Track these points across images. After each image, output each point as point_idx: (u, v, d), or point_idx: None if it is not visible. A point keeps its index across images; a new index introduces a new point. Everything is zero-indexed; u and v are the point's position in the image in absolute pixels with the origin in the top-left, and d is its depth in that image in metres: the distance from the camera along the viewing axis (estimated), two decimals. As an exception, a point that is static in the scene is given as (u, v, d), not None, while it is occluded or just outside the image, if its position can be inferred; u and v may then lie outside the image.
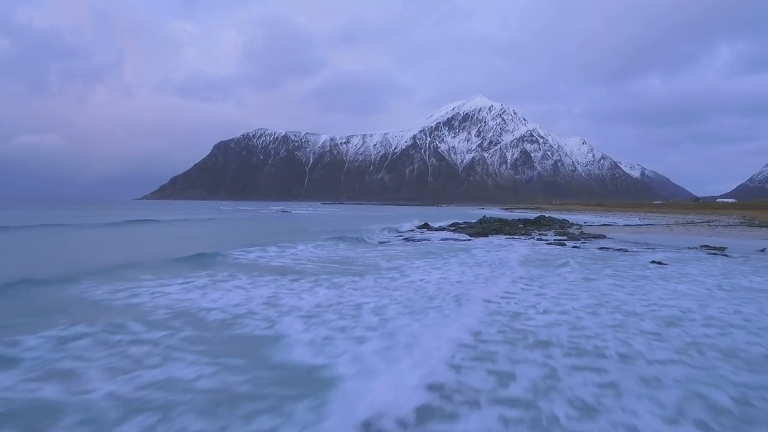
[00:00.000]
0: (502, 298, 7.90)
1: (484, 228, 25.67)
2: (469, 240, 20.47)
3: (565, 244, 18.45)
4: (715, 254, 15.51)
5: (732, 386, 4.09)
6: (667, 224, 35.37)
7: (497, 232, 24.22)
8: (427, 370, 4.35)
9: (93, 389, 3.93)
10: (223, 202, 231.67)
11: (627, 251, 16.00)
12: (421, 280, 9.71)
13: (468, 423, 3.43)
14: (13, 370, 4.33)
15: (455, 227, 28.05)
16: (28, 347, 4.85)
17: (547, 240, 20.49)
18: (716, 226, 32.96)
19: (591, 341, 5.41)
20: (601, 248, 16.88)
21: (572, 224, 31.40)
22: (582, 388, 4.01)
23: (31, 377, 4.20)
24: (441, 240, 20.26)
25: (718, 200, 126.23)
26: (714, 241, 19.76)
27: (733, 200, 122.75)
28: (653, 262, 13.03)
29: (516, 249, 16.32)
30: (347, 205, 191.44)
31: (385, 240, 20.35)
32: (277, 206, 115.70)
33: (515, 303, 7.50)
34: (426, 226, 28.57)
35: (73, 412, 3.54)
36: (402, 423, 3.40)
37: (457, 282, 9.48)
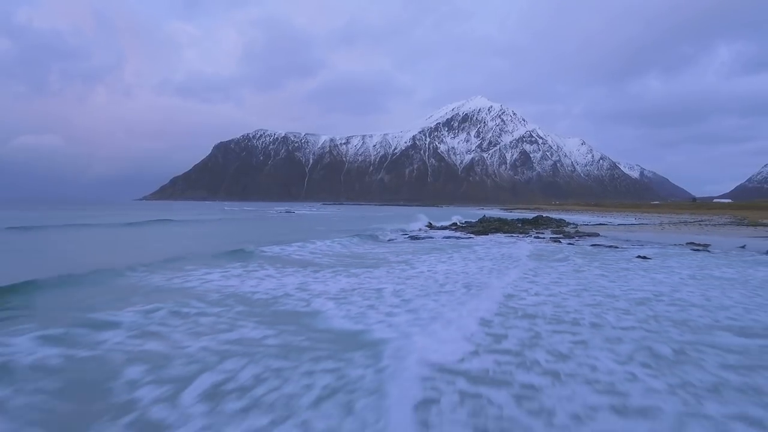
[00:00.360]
0: (505, 284, 9.14)
1: (484, 227, 26.93)
2: (471, 238, 21.72)
3: (560, 242, 19.70)
4: (698, 250, 16.75)
5: (675, 343, 5.34)
6: (660, 224, 36.61)
7: (497, 230, 25.45)
8: (453, 333, 5.60)
9: (187, 345, 5.17)
10: (225, 203, 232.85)
11: (617, 247, 17.24)
12: (429, 270, 10.96)
13: (485, 363, 4.66)
14: (118, 331, 5.57)
15: (456, 226, 29.31)
16: (121, 318, 6.09)
17: (543, 238, 21.74)
18: (707, 225, 34.20)
19: (570, 315, 6.65)
20: (593, 245, 18.13)
21: (568, 224, 32.64)
22: (559, 345, 5.25)
23: (134, 335, 5.45)
24: (444, 238, 21.51)
25: (714, 200, 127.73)
26: (701, 238, 20.98)
27: (729, 200, 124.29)
28: (638, 256, 14.27)
29: (518, 245, 17.58)
30: (347, 205, 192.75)
31: (393, 238, 21.59)
32: (279, 207, 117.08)
33: (512, 288, 8.74)
34: (429, 226, 29.82)
35: (180, 357, 4.78)
36: (441, 364, 4.63)
37: (462, 273, 10.72)
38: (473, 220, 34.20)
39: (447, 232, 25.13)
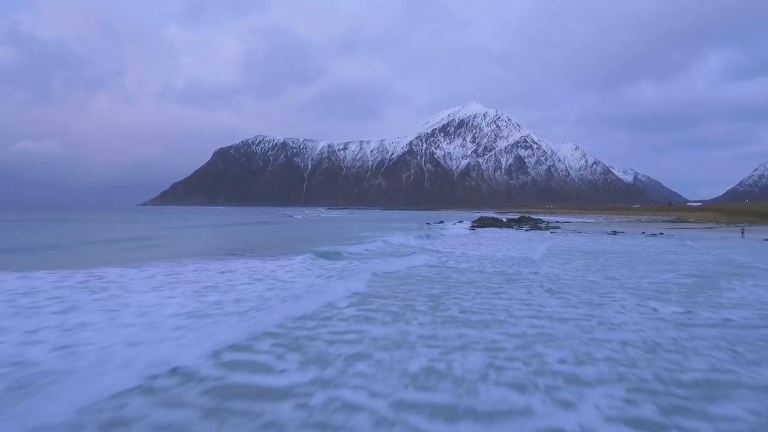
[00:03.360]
0: (502, 247, 22.48)
1: (483, 223, 40.33)
2: (474, 230, 35.07)
3: (529, 231, 33.08)
4: (611, 234, 30.01)
5: (564, 251, 18.68)
6: (611, 222, 50.15)
7: (491, 225, 38.84)
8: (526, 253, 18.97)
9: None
10: (229, 208, 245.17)
11: (558, 229, 30.60)
12: (462, 244, 24.30)
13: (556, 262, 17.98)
14: (357, 256, 18.80)
15: (472, 224, 42.74)
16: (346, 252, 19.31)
17: (522, 229, 35.11)
18: (646, 222, 47.71)
19: (519, 241, 20.02)
20: (546, 230, 31.47)
21: (543, 221, 46.09)
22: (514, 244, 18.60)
23: (373, 256, 18.71)
24: (460, 228, 34.84)
25: (688, 204, 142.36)
26: (625, 228, 34.47)
27: (700, 203, 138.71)
28: (553, 231, 27.59)
29: (506, 232, 30.96)
30: (353, 210, 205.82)
31: (443, 233, 34.94)
32: (288, 211, 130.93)
33: (516, 250, 22.09)
34: (441, 222, 43.20)
35: (411, 276, 18.00)
36: (531, 258, 17.89)
37: (504, 237, 24.05)
38: (474, 221, 47.74)
39: (461, 225, 38.59)
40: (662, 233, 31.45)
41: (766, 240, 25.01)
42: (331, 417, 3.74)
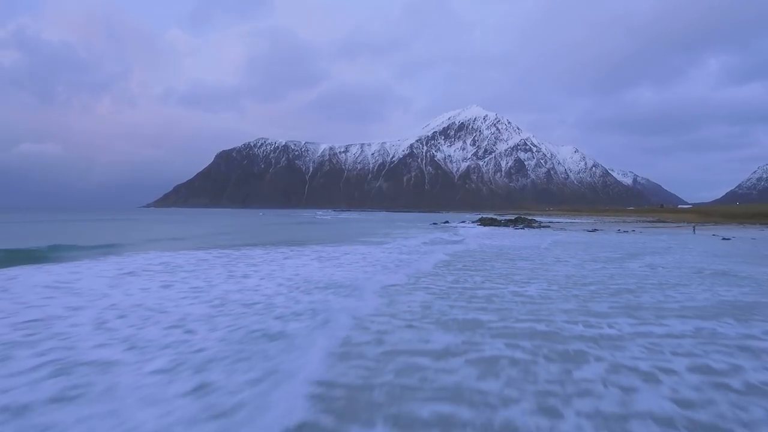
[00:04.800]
0: (512, 240, 28.97)
1: (484, 222, 46.85)
2: (480, 229, 41.54)
3: (523, 229, 39.51)
4: (589, 231, 36.43)
5: (537, 248, 25.16)
6: (598, 222, 56.54)
7: (491, 224, 45.33)
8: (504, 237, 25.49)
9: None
10: (233, 210, 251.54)
11: (548, 228, 36.97)
12: (468, 233, 30.79)
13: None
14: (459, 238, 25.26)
15: (476, 222, 49.20)
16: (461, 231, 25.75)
17: (517, 228, 41.55)
18: (626, 222, 54.10)
19: (510, 247, 26.50)
20: (538, 228, 37.89)
21: (537, 221, 52.52)
22: (512, 251, 25.07)
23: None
24: (464, 226, 41.30)
25: (679, 207, 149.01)
26: (606, 227, 40.84)
27: (691, 206, 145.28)
28: (545, 227, 34.01)
29: (503, 230, 37.38)
30: (356, 212, 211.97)
31: (459, 232, 41.41)
32: (297, 212, 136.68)
33: (499, 241, 28.57)
34: (446, 222, 49.68)
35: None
36: (538, 246, 24.34)
37: (489, 232, 30.55)
38: (476, 220, 54.17)
39: (465, 224, 45.10)
40: (634, 231, 37.86)
41: (714, 235, 31.34)
42: (470, 303, 10.00)
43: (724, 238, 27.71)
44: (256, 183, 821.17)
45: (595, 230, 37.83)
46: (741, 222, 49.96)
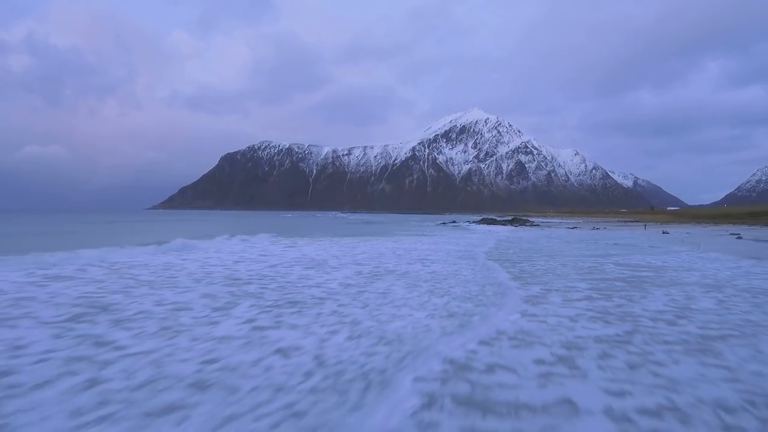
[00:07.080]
0: (523, 235, 37.42)
1: (485, 221, 55.39)
2: (480, 225, 50.02)
3: (518, 227, 47.89)
4: (570, 228, 44.77)
5: (526, 242, 33.59)
6: (584, 221, 64.81)
7: (491, 224, 53.82)
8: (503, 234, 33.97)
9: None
10: (240, 212, 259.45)
11: (539, 226, 45.27)
12: (472, 230, 39.22)
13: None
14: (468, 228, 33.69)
15: (470, 222, 57.72)
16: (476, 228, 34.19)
17: (515, 226, 49.94)
18: (609, 222, 62.39)
19: (505, 240, 34.94)
20: (530, 227, 46.25)
21: (530, 221, 60.85)
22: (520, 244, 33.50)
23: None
24: (472, 225, 49.77)
25: (668, 209, 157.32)
26: (588, 226, 49.17)
27: (678, 208, 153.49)
28: (536, 226, 42.36)
29: (499, 229, 45.83)
30: (363, 213, 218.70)
31: (471, 229, 49.89)
32: (309, 214, 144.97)
33: (514, 234, 37.00)
34: (454, 222, 58.14)
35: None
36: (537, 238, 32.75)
37: (489, 230, 38.96)
38: (478, 220, 62.64)
39: (470, 224, 53.73)
40: (605, 228, 46.10)
41: (664, 233, 39.44)
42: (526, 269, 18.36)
43: (664, 232, 35.92)
44: (260, 185, 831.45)
45: (575, 228, 46.08)
46: (705, 222, 57.86)
